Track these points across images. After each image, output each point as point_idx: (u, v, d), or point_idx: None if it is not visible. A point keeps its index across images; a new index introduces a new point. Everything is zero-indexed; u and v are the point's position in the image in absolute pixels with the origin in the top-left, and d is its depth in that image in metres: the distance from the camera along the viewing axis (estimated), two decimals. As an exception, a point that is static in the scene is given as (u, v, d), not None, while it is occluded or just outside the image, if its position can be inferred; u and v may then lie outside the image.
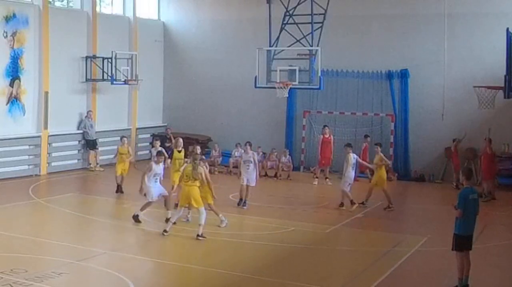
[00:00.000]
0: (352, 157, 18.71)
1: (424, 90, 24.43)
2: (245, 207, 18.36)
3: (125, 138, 21.13)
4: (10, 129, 22.63)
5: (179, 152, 18.11)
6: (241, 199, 18.58)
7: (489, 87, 20.21)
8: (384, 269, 13.08)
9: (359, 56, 25.22)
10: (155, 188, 16.09)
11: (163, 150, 17.93)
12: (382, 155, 19.28)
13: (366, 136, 23.82)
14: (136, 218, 16.17)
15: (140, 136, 27.66)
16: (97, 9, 26.05)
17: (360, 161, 19.75)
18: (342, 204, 18.78)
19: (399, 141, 24.78)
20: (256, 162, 18.79)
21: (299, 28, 22.35)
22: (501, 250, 15.30)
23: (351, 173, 18.72)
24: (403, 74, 24.65)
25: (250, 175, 18.52)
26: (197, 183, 14.81)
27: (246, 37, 26.88)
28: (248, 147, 19.01)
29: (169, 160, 17.89)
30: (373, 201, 19.37)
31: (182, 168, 15.87)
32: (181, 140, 18.44)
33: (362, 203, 18.90)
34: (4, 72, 22.41)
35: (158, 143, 19.85)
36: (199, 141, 27.25)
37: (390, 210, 18.68)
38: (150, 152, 21.17)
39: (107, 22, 26.32)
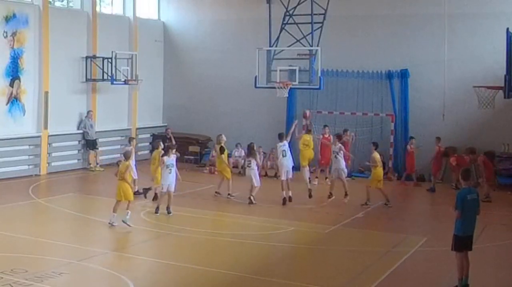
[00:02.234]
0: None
1: (424, 90, 24.42)
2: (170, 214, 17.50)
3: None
4: (10, 129, 22.63)
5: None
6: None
7: (489, 87, 20.22)
8: (384, 269, 13.09)
9: (359, 56, 25.21)
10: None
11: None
12: (377, 154, 19.40)
13: (411, 137, 23.43)
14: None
15: (140, 136, 27.65)
16: (97, 9, 26.05)
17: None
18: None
19: (399, 141, 24.78)
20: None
21: (299, 28, 22.34)
22: (501, 250, 15.30)
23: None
24: (403, 74, 24.64)
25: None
26: None
27: (246, 37, 26.88)
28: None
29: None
30: (373, 201, 19.40)
31: None
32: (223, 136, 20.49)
33: (365, 204, 19.17)
34: (4, 72, 22.41)
35: None
36: (199, 141, 27.33)
37: (367, 206, 19.03)
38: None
39: (107, 22, 26.32)
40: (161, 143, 19.74)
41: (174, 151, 18.14)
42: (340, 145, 20.22)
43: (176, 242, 15.21)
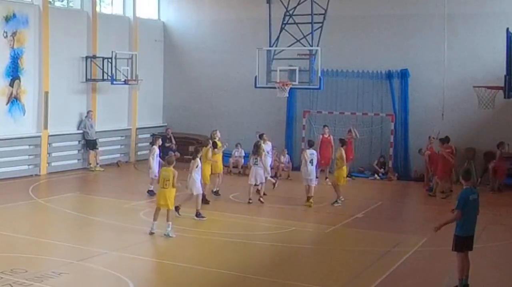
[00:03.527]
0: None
1: (424, 90, 24.42)
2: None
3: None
4: (10, 129, 22.61)
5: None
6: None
7: (489, 87, 20.18)
8: (384, 269, 13.09)
9: (359, 56, 25.21)
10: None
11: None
12: (343, 151, 19.48)
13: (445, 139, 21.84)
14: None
15: (140, 136, 27.67)
16: (97, 9, 26.04)
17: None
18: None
19: (399, 141, 24.78)
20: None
21: (299, 28, 22.36)
22: (501, 250, 15.30)
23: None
24: (403, 74, 24.64)
25: None
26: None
27: (246, 37, 26.87)
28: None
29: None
30: (373, 201, 19.40)
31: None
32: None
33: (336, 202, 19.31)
34: (4, 72, 22.40)
35: None
36: (199, 141, 27.29)
37: (338, 204, 19.05)
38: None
39: (107, 22, 26.31)
40: (210, 141, 19.50)
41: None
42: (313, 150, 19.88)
43: (176, 242, 15.18)
